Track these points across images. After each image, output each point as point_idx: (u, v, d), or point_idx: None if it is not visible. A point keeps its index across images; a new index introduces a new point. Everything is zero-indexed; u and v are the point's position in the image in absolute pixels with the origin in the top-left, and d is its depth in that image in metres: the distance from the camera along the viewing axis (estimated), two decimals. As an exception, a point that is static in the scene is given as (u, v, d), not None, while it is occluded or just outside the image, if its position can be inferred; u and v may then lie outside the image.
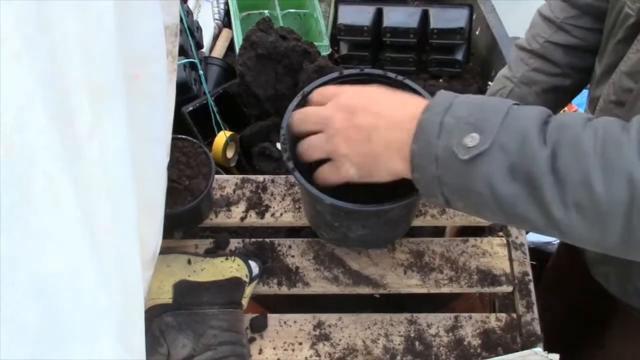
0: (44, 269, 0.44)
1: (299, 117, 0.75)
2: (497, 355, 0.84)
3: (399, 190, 0.73)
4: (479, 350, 0.84)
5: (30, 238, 0.43)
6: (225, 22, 1.60)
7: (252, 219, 0.95)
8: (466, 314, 0.88)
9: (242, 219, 0.95)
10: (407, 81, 0.82)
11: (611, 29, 0.82)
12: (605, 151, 0.54)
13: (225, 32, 1.57)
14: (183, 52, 1.21)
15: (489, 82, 1.37)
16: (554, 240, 1.58)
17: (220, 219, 0.95)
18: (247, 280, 0.85)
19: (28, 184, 0.42)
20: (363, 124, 0.67)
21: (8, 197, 0.41)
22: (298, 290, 0.89)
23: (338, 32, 1.49)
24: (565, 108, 1.85)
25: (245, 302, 0.85)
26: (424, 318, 0.87)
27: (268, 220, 0.95)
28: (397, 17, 1.47)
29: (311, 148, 0.72)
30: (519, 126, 0.58)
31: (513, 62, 1.04)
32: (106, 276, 0.49)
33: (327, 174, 0.72)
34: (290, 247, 0.92)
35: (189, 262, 0.85)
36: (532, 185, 0.56)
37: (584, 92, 2.01)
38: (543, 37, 0.98)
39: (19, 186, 0.42)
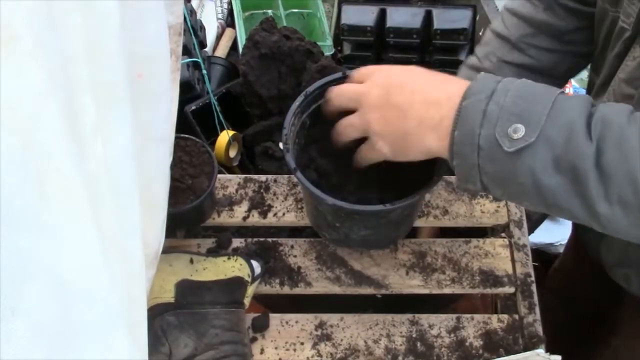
0: (60, 266, 0.45)
1: (337, 92, 0.74)
2: (499, 356, 0.84)
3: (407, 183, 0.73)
4: (480, 352, 0.84)
5: (47, 235, 0.43)
6: (229, 21, 1.60)
7: (255, 219, 0.95)
8: (468, 315, 0.88)
9: (245, 218, 0.95)
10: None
11: (605, 40, 0.82)
12: None
13: (229, 31, 1.57)
14: (186, 51, 1.21)
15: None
16: (557, 242, 1.58)
17: (223, 218, 0.95)
18: (249, 279, 0.85)
19: (44, 181, 0.43)
20: (398, 101, 0.66)
21: (26, 194, 0.42)
22: (300, 290, 0.89)
23: (341, 32, 1.49)
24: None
25: (247, 301, 0.85)
26: (425, 319, 0.87)
27: (270, 220, 0.95)
28: (401, 17, 1.47)
29: (348, 127, 0.72)
30: (566, 119, 0.57)
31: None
32: (114, 275, 0.49)
33: (364, 152, 0.73)
34: (292, 247, 0.92)
35: (191, 261, 0.85)
36: (576, 179, 0.56)
37: (582, 92, 2.00)
38: (496, 55, 0.95)
39: (36, 183, 0.42)
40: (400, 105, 0.66)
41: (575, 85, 1.96)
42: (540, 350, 0.81)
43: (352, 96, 0.72)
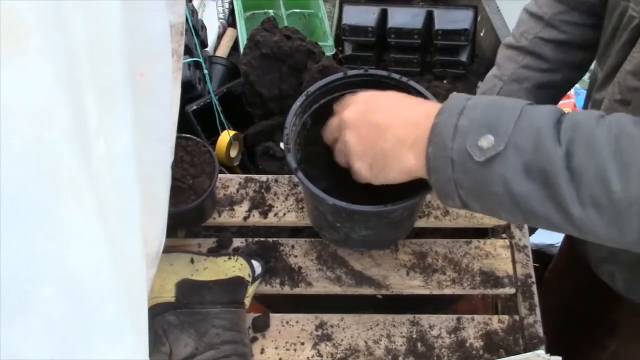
0: (71, 264, 0.45)
1: (325, 129, 0.77)
2: (500, 357, 0.83)
3: (408, 190, 0.73)
4: (481, 352, 0.84)
5: (58, 233, 0.44)
6: (230, 21, 1.60)
7: (255, 219, 0.95)
8: (468, 316, 0.88)
9: (245, 218, 0.95)
10: (412, 82, 0.82)
11: (613, 31, 0.82)
12: (619, 148, 0.54)
13: (230, 31, 1.57)
14: (188, 51, 1.21)
15: (479, 83, 1.38)
16: (557, 243, 1.58)
17: (224, 218, 0.95)
18: (249, 279, 0.85)
19: (55, 179, 0.43)
20: (377, 120, 0.68)
21: (39, 192, 0.42)
22: (300, 290, 0.89)
23: (342, 32, 1.48)
24: (569, 109, 1.85)
25: (247, 301, 0.85)
26: (426, 319, 0.87)
27: (271, 220, 0.95)
28: (402, 18, 1.46)
29: (337, 153, 0.75)
30: (533, 126, 0.58)
31: (501, 60, 1.03)
32: (117, 273, 0.49)
33: (354, 173, 0.73)
34: (293, 247, 0.92)
35: (192, 261, 0.85)
36: (548, 184, 0.57)
37: (582, 93, 2.00)
38: (532, 33, 0.98)
39: (47, 182, 0.42)
40: (379, 125, 0.67)
41: (577, 86, 1.96)
42: (541, 351, 0.81)
43: (335, 124, 0.74)
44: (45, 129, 0.41)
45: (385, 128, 0.67)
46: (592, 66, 0.96)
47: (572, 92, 1.88)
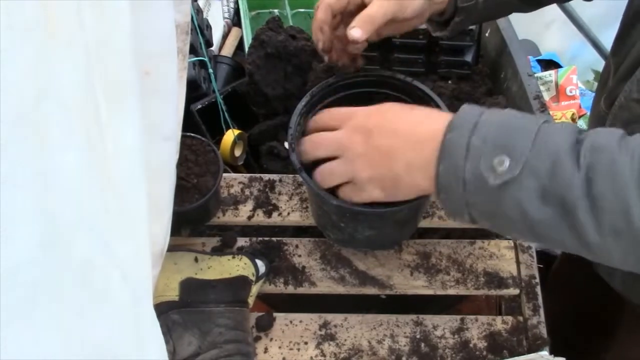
0: (131, 256, 0.45)
1: (311, 145, 0.73)
2: (503, 358, 0.83)
3: None
4: (484, 353, 0.84)
5: (83, 228, 0.44)
6: (235, 20, 1.60)
7: (260, 218, 0.95)
8: (472, 316, 0.88)
9: (250, 217, 0.95)
10: (416, 82, 0.82)
11: (632, 23, 0.80)
12: None
13: (235, 30, 1.57)
14: (193, 50, 1.21)
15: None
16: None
17: (228, 217, 0.95)
18: (253, 279, 0.85)
19: (100, 170, 0.44)
20: (381, 144, 0.66)
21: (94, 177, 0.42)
22: (304, 289, 0.89)
23: (347, 32, 1.48)
24: (574, 110, 1.84)
25: (251, 300, 0.85)
26: (429, 319, 0.87)
27: (275, 219, 0.95)
28: (407, 17, 1.46)
29: (331, 175, 0.72)
30: (550, 148, 0.56)
31: None
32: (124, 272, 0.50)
33: (350, 195, 0.72)
34: (297, 246, 0.92)
35: (196, 260, 0.85)
36: (565, 210, 0.55)
37: (588, 94, 1.99)
38: None
39: (97, 170, 0.43)
40: (385, 149, 0.66)
41: (582, 87, 1.95)
42: (545, 353, 0.81)
43: (332, 147, 0.71)
44: (86, 121, 0.42)
45: (392, 151, 0.65)
46: (600, 69, 0.94)
47: (577, 92, 1.88)
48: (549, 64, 2.07)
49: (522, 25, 1.45)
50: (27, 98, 0.39)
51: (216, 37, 1.49)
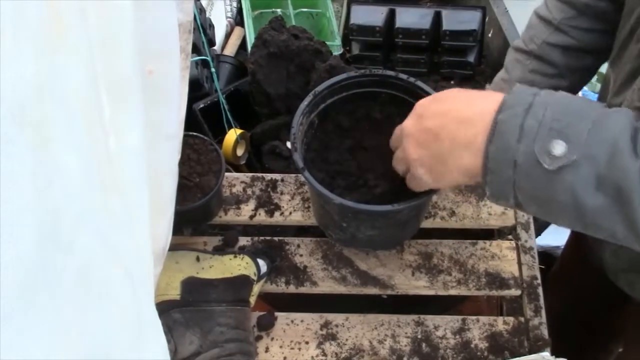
0: (133, 254, 0.45)
1: (391, 140, 0.76)
2: (504, 358, 0.83)
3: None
4: (485, 354, 0.84)
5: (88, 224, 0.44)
6: (238, 20, 1.60)
7: (261, 217, 0.95)
8: (473, 317, 0.87)
9: (251, 217, 0.95)
10: (419, 83, 0.82)
11: (630, 34, 0.80)
12: None
13: (238, 30, 1.57)
14: (195, 49, 1.21)
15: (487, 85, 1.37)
16: (563, 245, 1.57)
17: (230, 216, 0.95)
18: (255, 278, 0.85)
19: (102, 170, 0.44)
20: (431, 125, 0.66)
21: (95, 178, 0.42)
22: (306, 289, 0.89)
23: (350, 32, 1.48)
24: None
25: (252, 300, 0.85)
26: (431, 320, 0.87)
27: (277, 219, 0.95)
28: (410, 18, 1.46)
29: (395, 162, 0.74)
30: (609, 136, 0.54)
31: (510, 64, 1.03)
32: (128, 270, 0.50)
33: (410, 184, 0.72)
34: (298, 246, 0.92)
35: (198, 259, 0.85)
36: (620, 199, 0.54)
37: (588, 95, 1.99)
38: (541, 38, 0.97)
39: (97, 171, 0.43)
40: (433, 128, 0.65)
41: (585, 89, 1.95)
42: (546, 354, 0.81)
43: (397, 133, 0.73)
44: (90, 122, 0.42)
45: (438, 130, 0.64)
46: (605, 70, 0.95)
47: (580, 94, 1.87)
48: (552, 65, 2.06)
49: (524, 25, 1.44)
50: (29, 97, 0.39)
51: (219, 36, 1.49)
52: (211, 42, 1.38)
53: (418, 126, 0.67)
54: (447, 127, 0.64)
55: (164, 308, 0.80)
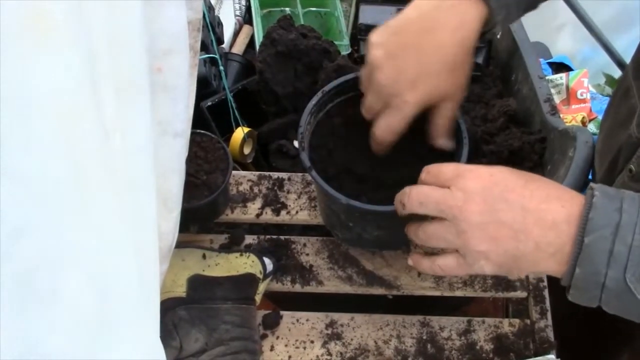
0: (96, 258, 0.45)
1: (418, 199, 0.65)
2: (510, 360, 0.83)
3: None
4: (491, 355, 0.84)
5: (85, 224, 0.44)
6: (246, 18, 1.60)
7: (268, 216, 0.95)
8: (479, 318, 0.87)
9: (258, 215, 0.95)
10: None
11: None
12: None
13: (246, 28, 1.57)
14: (204, 47, 1.21)
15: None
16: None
17: (236, 214, 0.95)
18: (261, 276, 0.85)
19: (84, 171, 0.43)
20: (507, 219, 0.59)
21: (67, 184, 0.42)
22: (311, 288, 0.89)
23: (358, 31, 1.48)
24: (585, 114, 1.83)
25: (258, 298, 0.86)
26: (436, 321, 0.87)
27: (283, 217, 0.95)
28: (418, 18, 1.46)
29: (434, 238, 0.65)
30: None
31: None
32: (132, 267, 0.49)
33: (454, 269, 0.66)
34: (305, 245, 0.92)
35: (204, 256, 0.85)
36: None
37: (598, 97, 1.97)
38: None
39: (75, 172, 0.43)
40: (511, 225, 0.59)
41: (593, 91, 1.93)
42: (552, 356, 0.81)
43: (439, 206, 0.63)
44: (73, 124, 0.42)
45: (519, 229, 0.59)
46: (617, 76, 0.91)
47: (588, 96, 1.86)
48: (560, 67, 2.06)
49: (533, 27, 1.44)
50: (18, 98, 0.39)
51: (227, 34, 1.49)
52: (220, 40, 1.38)
53: (489, 216, 0.60)
54: (530, 228, 0.59)
55: (170, 305, 0.80)
